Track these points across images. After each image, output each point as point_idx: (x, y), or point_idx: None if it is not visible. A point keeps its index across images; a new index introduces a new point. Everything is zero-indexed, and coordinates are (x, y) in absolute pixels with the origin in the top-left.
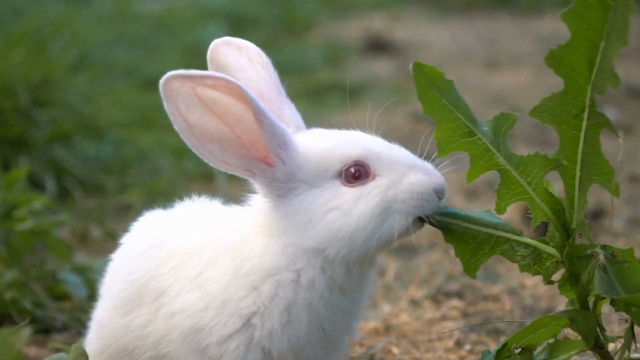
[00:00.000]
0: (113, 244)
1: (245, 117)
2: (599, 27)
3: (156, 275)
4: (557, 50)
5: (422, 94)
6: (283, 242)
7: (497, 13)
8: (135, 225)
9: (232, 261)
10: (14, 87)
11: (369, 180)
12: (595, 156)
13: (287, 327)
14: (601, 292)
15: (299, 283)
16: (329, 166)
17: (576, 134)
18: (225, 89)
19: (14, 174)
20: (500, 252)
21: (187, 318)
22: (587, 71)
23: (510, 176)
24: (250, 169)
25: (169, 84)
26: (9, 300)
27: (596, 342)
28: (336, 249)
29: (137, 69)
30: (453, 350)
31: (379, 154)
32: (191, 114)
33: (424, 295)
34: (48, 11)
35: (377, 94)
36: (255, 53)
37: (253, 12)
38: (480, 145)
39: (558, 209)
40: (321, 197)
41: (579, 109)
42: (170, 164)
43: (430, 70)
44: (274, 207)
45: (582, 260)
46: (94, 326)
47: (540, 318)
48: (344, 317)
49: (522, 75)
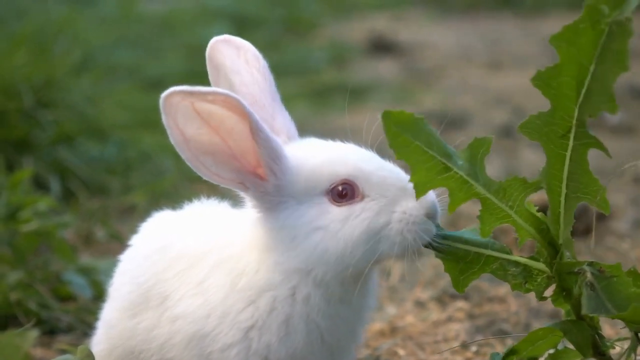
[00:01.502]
0: (117, 245)
1: (238, 127)
2: (590, 51)
3: (161, 279)
4: (544, 72)
5: (393, 140)
6: (274, 260)
7: (500, 14)
8: (144, 226)
9: (230, 274)
10: (17, 88)
11: (357, 201)
12: (583, 175)
13: (284, 340)
14: (589, 311)
15: (295, 299)
16: (317, 183)
17: (562, 153)
18: (223, 104)
19: (18, 175)
20: (490, 270)
21: (190, 324)
22: (574, 93)
23: (491, 203)
24: (243, 182)
25: (169, 99)
26: (14, 302)
27: (596, 349)
28: (322, 270)
29: (140, 70)
30: (459, 351)
31: (369, 173)
32: (188, 128)
33: (430, 297)
34: (51, 12)
35: (381, 95)
36: (253, 55)
37: (256, 12)
38: (458, 178)
39: (543, 229)
40: (307, 214)
41: (565, 130)
42: (174, 165)
43: (397, 115)
44: (262, 219)
45: (572, 275)
46: (102, 326)
47: (536, 330)
48: (346, 325)
49: (525, 76)
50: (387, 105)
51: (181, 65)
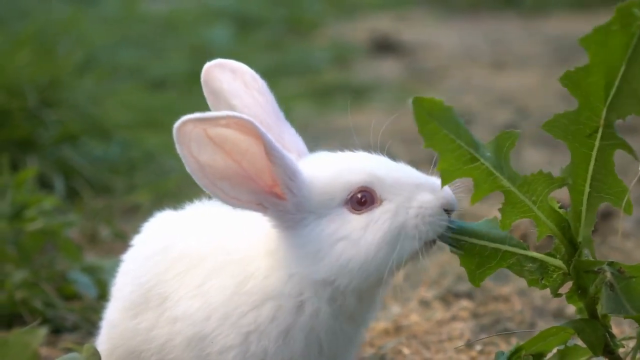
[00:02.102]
0: (122, 245)
1: (252, 149)
2: (620, 53)
3: (162, 280)
4: (573, 72)
5: (422, 127)
6: (290, 272)
7: (503, 14)
8: (146, 226)
9: (236, 276)
10: (21, 88)
11: (376, 206)
12: (607, 175)
13: (282, 348)
14: (608, 311)
15: (302, 311)
16: (334, 195)
17: (588, 152)
18: (236, 126)
19: (23, 174)
20: (506, 266)
21: (190, 326)
22: (603, 94)
23: (515, 196)
24: (261, 203)
25: (182, 128)
26: (19, 300)
27: (607, 347)
28: (346, 280)
29: (143, 70)
30: (464, 350)
31: (382, 177)
32: (202, 155)
33: (434, 296)
34: (54, 12)
35: (383, 95)
36: (250, 77)
37: (259, 12)
38: (484, 169)
39: (564, 226)
40: (328, 227)
41: (592, 129)
42: (178, 164)
43: (428, 102)
44: (282, 238)
45: (590, 274)
46: (105, 326)
47: (548, 329)
48: (346, 342)
49: (529, 76)
50: (389, 105)
51: (184, 65)
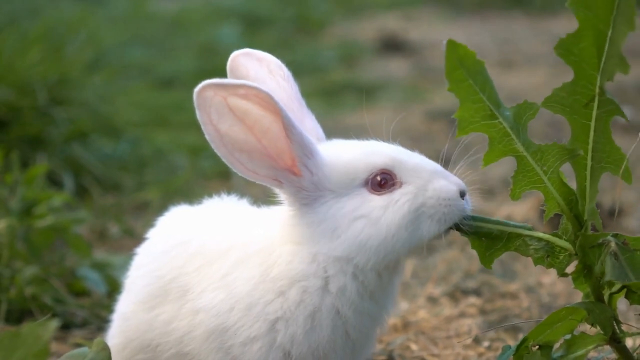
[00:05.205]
0: (131, 241)
1: (273, 128)
2: (606, 15)
3: (182, 273)
4: (565, 39)
5: (450, 71)
6: (311, 251)
7: (511, 13)
8: (161, 220)
9: (260, 266)
10: (31, 86)
11: (396, 188)
12: (606, 144)
13: (309, 333)
14: (612, 278)
15: (327, 290)
16: (356, 175)
17: (587, 123)
18: (256, 99)
19: (33, 171)
20: (514, 248)
21: (212, 318)
22: (595, 59)
23: (527, 163)
24: (278, 179)
25: (202, 93)
26: (29, 296)
27: (613, 335)
28: (365, 257)
29: (152, 69)
30: (471, 346)
31: (403, 161)
32: (222, 124)
33: (442, 293)
34: (64, 11)
35: (391, 94)
36: (276, 65)
37: (267, 11)
38: (501, 129)
39: (572, 200)
40: (348, 205)
41: (588, 98)
42: (187, 162)
43: (462, 49)
44: (298, 215)
45: (595, 250)
46: (117, 319)
47: (557, 311)
48: (371, 323)
49: (536, 75)
50: (397, 104)
51: (193, 64)
